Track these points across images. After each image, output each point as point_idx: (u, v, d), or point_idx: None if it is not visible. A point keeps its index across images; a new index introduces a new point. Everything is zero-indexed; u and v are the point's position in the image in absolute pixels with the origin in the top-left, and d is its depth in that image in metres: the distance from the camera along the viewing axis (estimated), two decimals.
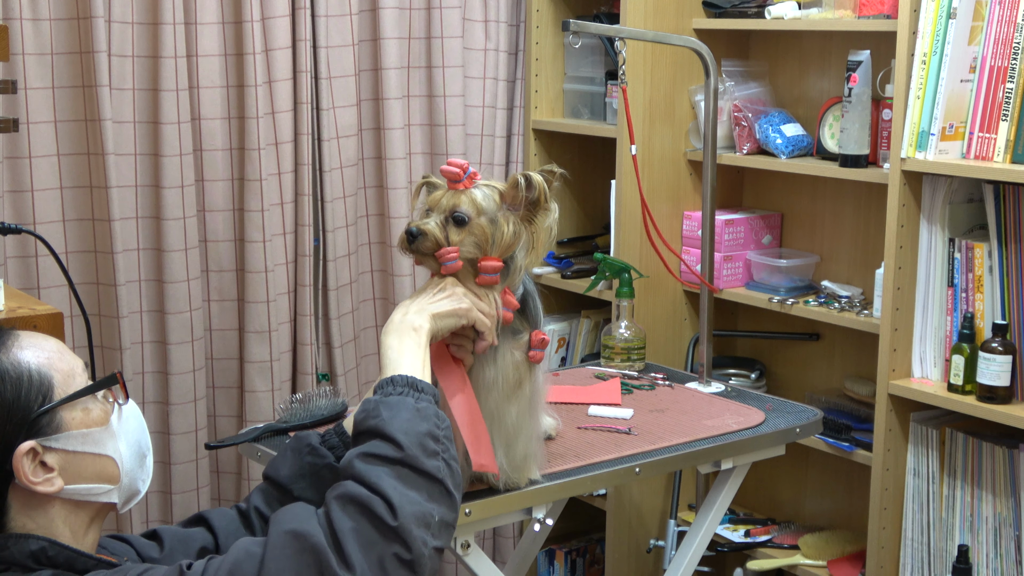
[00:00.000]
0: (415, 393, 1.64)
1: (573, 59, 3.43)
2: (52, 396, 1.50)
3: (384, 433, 1.56)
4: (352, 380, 3.24)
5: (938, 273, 2.62)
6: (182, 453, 2.99)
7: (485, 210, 1.84)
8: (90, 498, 1.53)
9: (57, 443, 1.49)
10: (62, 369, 1.52)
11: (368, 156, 3.24)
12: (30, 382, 1.49)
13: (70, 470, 1.51)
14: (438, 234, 1.82)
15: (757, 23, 3.01)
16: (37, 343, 1.54)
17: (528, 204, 1.86)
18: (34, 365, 1.50)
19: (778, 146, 2.98)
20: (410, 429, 1.57)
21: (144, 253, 2.96)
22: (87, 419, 1.52)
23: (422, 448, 1.56)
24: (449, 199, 1.84)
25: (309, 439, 1.81)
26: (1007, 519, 2.56)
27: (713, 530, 2.42)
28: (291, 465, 1.79)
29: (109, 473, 1.54)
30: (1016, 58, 2.44)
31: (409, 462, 1.54)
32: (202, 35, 2.91)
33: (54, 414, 1.49)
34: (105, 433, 1.54)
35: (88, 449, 1.52)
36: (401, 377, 1.67)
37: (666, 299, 3.22)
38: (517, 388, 1.92)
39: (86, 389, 1.53)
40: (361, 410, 1.62)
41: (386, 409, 1.59)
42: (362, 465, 1.53)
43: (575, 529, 3.53)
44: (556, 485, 2.05)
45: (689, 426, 2.34)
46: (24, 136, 2.77)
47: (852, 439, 2.84)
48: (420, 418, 1.59)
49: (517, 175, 1.86)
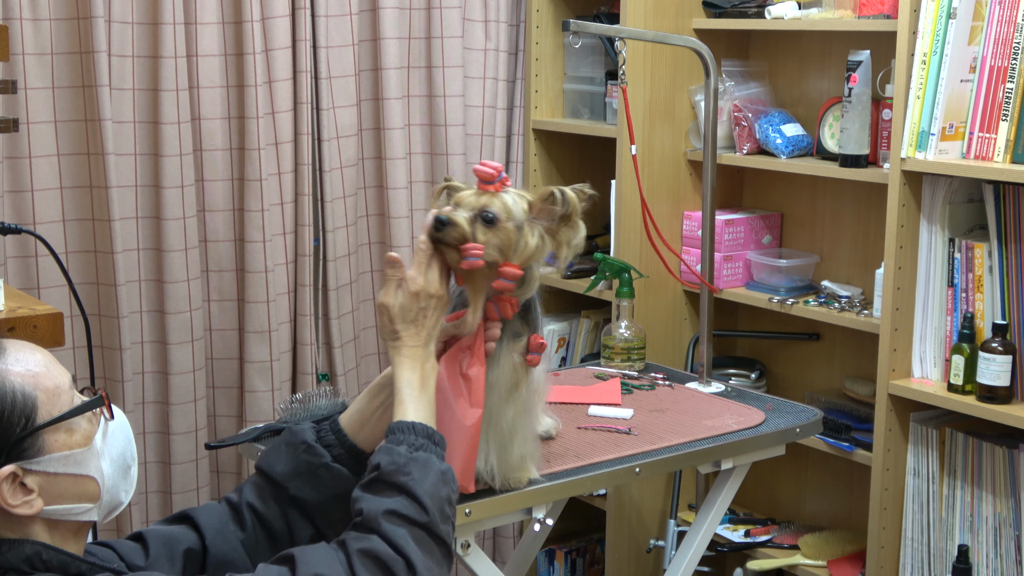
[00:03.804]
0: (435, 448, 1.68)
1: (573, 59, 3.43)
2: (35, 419, 1.45)
3: (414, 495, 1.60)
4: (352, 380, 3.24)
5: (938, 273, 2.62)
6: (182, 453, 2.99)
7: (513, 216, 1.82)
8: (69, 517, 1.50)
9: (38, 466, 1.45)
10: (47, 388, 1.47)
11: (368, 156, 3.24)
12: (13, 403, 1.44)
13: (50, 491, 1.47)
14: (467, 228, 1.80)
15: (757, 23, 3.01)
16: (23, 358, 1.48)
17: (557, 218, 1.85)
18: (18, 385, 1.45)
19: (778, 146, 2.98)
20: (435, 494, 1.62)
21: (144, 253, 2.96)
22: (70, 441, 1.48)
23: (441, 514, 1.62)
24: (480, 198, 1.82)
25: (304, 435, 1.80)
26: (1007, 519, 2.56)
27: (713, 530, 2.42)
28: (286, 461, 1.78)
29: (90, 493, 1.51)
30: (1016, 58, 2.44)
31: (430, 528, 1.60)
32: (202, 35, 2.91)
33: (37, 437, 1.45)
34: (88, 454, 1.50)
35: (70, 471, 1.48)
36: (422, 427, 1.69)
37: (666, 299, 3.22)
38: (514, 390, 1.92)
39: (69, 413, 1.49)
40: (389, 460, 1.64)
41: (417, 469, 1.63)
42: (389, 525, 1.57)
43: (575, 529, 3.53)
44: (556, 485, 2.05)
45: (689, 426, 2.34)
46: (24, 136, 2.77)
47: (852, 439, 2.84)
48: (443, 483, 1.65)
49: (552, 188, 1.84)
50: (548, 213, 1.85)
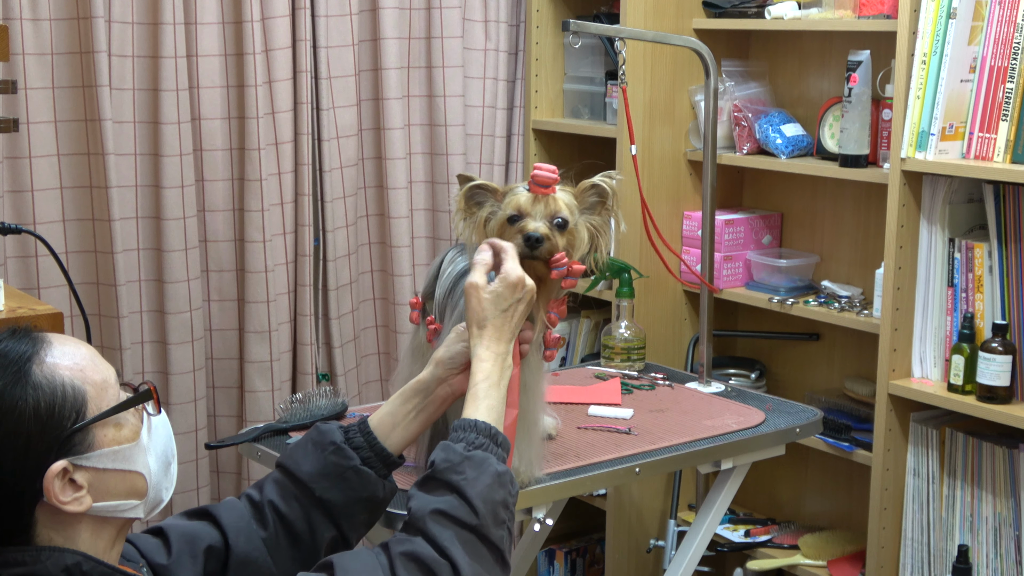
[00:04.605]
0: (496, 449, 1.64)
1: (573, 59, 3.43)
2: (85, 413, 1.43)
3: (465, 495, 1.56)
4: (352, 380, 3.24)
5: (938, 273, 2.62)
6: (182, 453, 2.99)
7: (575, 216, 1.87)
8: (117, 514, 1.47)
9: (88, 462, 1.43)
10: (96, 382, 1.46)
11: (368, 156, 3.24)
12: (64, 397, 1.41)
13: (99, 488, 1.44)
14: (558, 242, 1.83)
15: (757, 23, 3.01)
16: (69, 351, 1.46)
17: (596, 207, 1.90)
18: (67, 379, 1.43)
19: (778, 146, 2.98)
20: (488, 497, 1.57)
21: (144, 253, 2.96)
22: (119, 436, 1.46)
23: (494, 518, 1.57)
24: (543, 204, 1.83)
25: (333, 435, 1.75)
26: (1007, 519, 2.56)
27: (713, 530, 2.42)
28: (313, 461, 1.73)
29: (138, 488, 1.49)
30: (1016, 58, 2.44)
31: (481, 531, 1.55)
32: (202, 35, 2.91)
33: (87, 432, 1.43)
34: (136, 449, 1.48)
35: (118, 466, 1.46)
36: (485, 426, 1.65)
37: (666, 299, 3.22)
38: (536, 387, 1.94)
39: (120, 406, 1.47)
40: (444, 458, 1.60)
41: (471, 468, 1.58)
42: (435, 526, 1.53)
43: (575, 529, 3.53)
44: (556, 485, 2.05)
45: (689, 426, 2.34)
46: (24, 136, 2.77)
47: (852, 439, 2.84)
48: (499, 485, 1.59)
49: (592, 180, 1.88)
50: (588, 204, 1.89)
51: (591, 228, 1.89)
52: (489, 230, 1.88)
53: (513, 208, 1.85)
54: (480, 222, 1.89)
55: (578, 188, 1.90)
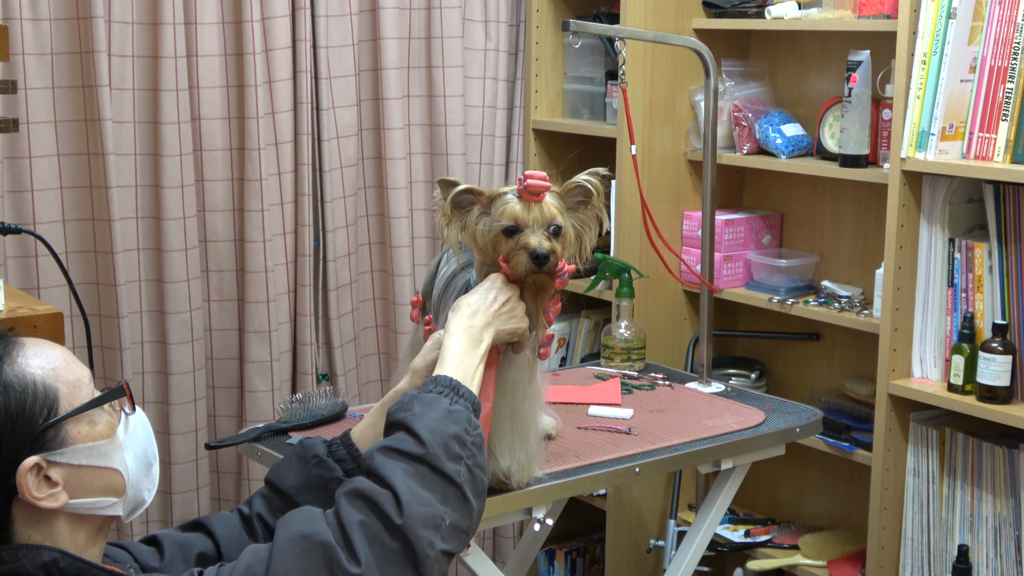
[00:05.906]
0: (454, 396, 1.65)
1: (573, 59, 3.42)
2: (57, 409, 1.45)
3: (410, 428, 1.57)
4: (352, 380, 3.24)
5: (938, 273, 2.62)
6: (182, 453, 2.99)
7: (564, 217, 1.89)
8: (95, 511, 1.49)
9: (62, 457, 1.45)
10: (68, 380, 1.47)
11: (368, 156, 3.24)
12: (35, 395, 1.44)
13: (75, 484, 1.46)
14: (558, 251, 1.86)
15: (757, 23, 3.01)
16: (42, 352, 1.48)
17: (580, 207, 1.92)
18: (39, 376, 1.45)
19: (778, 146, 2.98)
20: (437, 428, 1.57)
21: (144, 253, 2.96)
22: (93, 432, 1.48)
23: (445, 449, 1.56)
24: (536, 212, 1.84)
25: (316, 449, 1.79)
26: (1007, 519, 2.56)
27: (713, 530, 2.42)
28: (297, 475, 1.77)
29: (115, 486, 1.50)
30: (1016, 58, 2.44)
31: (429, 460, 1.54)
32: (202, 35, 2.91)
33: (59, 428, 1.45)
34: (111, 446, 1.49)
35: (94, 463, 1.48)
36: (445, 378, 1.68)
37: (666, 299, 3.22)
38: (530, 385, 1.95)
39: (92, 402, 1.49)
40: (397, 402, 1.63)
41: (419, 405, 1.61)
42: (381, 458, 1.54)
43: (575, 529, 3.53)
44: (556, 485, 2.05)
45: (689, 426, 2.34)
46: (24, 136, 2.77)
47: (852, 439, 2.84)
48: (450, 420, 1.60)
49: (576, 181, 1.90)
50: (572, 204, 1.91)
51: (576, 228, 1.92)
52: (481, 238, 1.87)
53: (509, 218, 1.85)
54: (471, 229, 1.88)
55: (563, 188, 1.90)
